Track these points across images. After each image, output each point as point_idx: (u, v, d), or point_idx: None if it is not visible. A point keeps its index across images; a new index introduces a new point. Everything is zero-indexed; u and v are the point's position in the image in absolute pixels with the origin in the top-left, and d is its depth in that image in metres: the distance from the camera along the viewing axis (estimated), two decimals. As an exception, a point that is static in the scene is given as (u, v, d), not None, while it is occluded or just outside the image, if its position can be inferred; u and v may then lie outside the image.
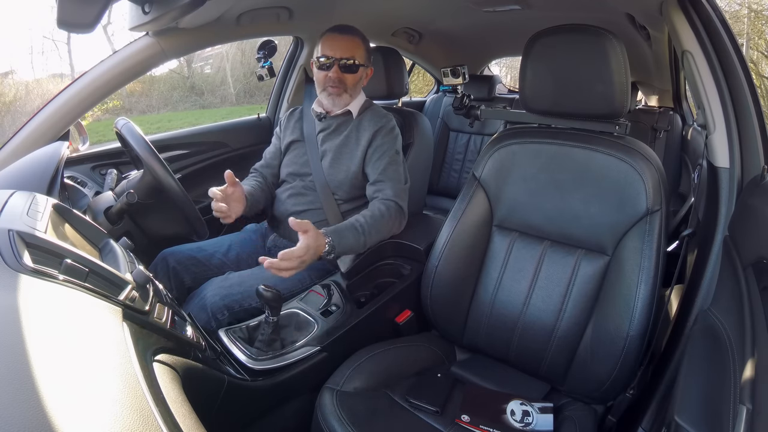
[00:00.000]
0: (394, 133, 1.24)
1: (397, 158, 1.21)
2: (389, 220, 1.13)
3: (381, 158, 1.18)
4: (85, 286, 0.48)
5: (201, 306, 1.05)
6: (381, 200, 1.15)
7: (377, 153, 1.19)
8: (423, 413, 0.88)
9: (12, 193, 0.63)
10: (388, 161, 1.18)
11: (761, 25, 7.04)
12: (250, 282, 1.09)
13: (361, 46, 1.22)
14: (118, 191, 1.13)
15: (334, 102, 1.23)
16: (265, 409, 0.90)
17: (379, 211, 1.12)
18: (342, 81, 1.19)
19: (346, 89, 1.21)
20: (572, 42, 0.94)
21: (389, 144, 1.20)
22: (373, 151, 1.20)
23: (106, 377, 0.38)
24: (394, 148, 1.21)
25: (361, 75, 1.23)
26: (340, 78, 1.19)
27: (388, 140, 1.21)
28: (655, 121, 2.24)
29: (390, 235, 1.16)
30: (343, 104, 1.24)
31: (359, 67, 1.21)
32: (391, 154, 1.20)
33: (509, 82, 3.95)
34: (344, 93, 1.21)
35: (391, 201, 1.15)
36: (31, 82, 7.67)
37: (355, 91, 1.24)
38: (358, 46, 1.21)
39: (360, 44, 1.21)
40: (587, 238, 0.95)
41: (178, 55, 1.32)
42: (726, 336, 0.64)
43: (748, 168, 0.88)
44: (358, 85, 1.24)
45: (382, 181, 1.17)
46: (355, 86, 1.23)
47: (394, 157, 1.20)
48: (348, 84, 1.21)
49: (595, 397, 0.93)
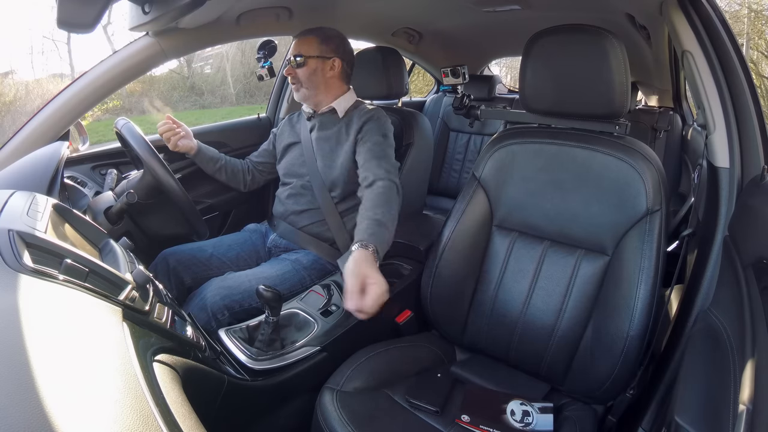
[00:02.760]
0: (381, 120, 1.24)
1: (385, 141, 1.20)
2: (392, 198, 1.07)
3: (367, 142, 1.19)
4: (85, 286, 0.48)
5: (201, 306, 1.05)
6: (374, 182, 1.10)
7: (364, 139, 1.20)
8: (423, 413, 0.88)
9: (12, 193, 0.62)
10: (373, 142, 1.18)
11: (761, 25, 7.04)
12: (250, 282, 1.09)
13: (314, 41, 1.24)
14: (118, 191, 1.13)
15: (300, 96, 1.27)
16: (265, 409, 0.90)
17: (378, 196, 1.06)
18: (295, 77, 1.24)
19: (302, 83, 1.25)
20: (572, 42, 0.94)
21: (374, 129, 1.21)
22: (361, 139, 1.21)
23: (106, 377, 0.38)
24: (381, 131, 1.21)
25: (314, 67, 1.23)
26: (292, 74, 1.24)
27: (374, 126, 1.22)
28: (655, 121, 2.24)
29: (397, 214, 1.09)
30: (306, 97, 1.27)
31: (307, 59, 1.23)
32: (376, 138, 1.19)
33: (509, 82, 3.95)
34: (301, 87, 1.25)
35: (384, 180, 1.10)
36: (31, 82, 7.67)
37: (313, 84, 1.25)
38: (309, 42, 1.24)
39: (312, 40, 1.24)
40: (587, 238, 0.95)
41: (178, 55, 1.32)
42: (726, 336, 0.64)
43: (748, 168, 0.88)
44: (314, 78, 1.24)
45: (368, 160, 1.15)
46: (309, 79, 1.24)
47: (379, 139, 1.19)
48: (300, 78, 1.24)
49: (595, 397, 0.93)
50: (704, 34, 0.91)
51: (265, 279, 1.11)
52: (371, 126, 1.22)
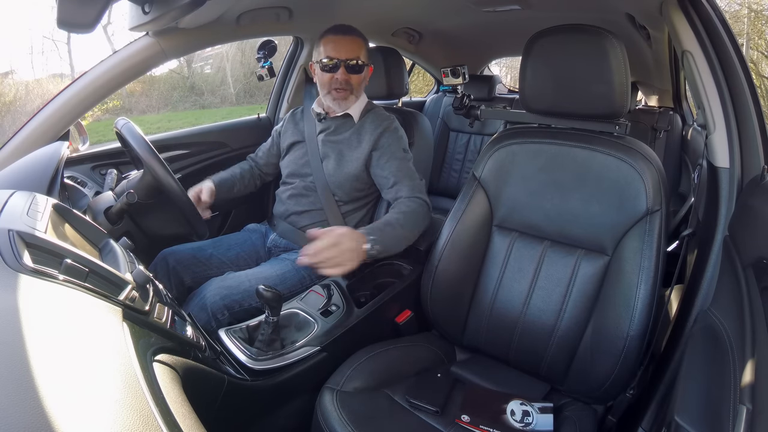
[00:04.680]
0: (399, 133, 1.24)
1: (406, 156, 1.22)
2: (420, 215, 1.13)
3: (390, 160, 1.19)
4: (85, 286, 0.48)
5: (201, 306, 1.05)
6: (406, 198, 1.15)
7: (385, 156, 1.19)
8: (423, 413, 0.88)
9: (12, 193, 0.62)
10: (399, 162, 1.19)
11: (761, 25, 7.05)
12: (249, 282, 1.09)
13: (363, 45, 1.22)
14: (118, 191, 1.13)
15: (339, 105, 1.23)
16: (265, 409, 0.90)
17: (407, 207, 1.12)
18: (348, 82, 1.20)
19: (352, 90, 1.22)
20: (572, 42, 0.94)
21: (395, 145, 1.21)
22: (380, 154, 1.20)
23: (106, 377, 0.38)
24: (401, 147, 1.22)
25: (365, 75, 1.24)
26: (347, 79, 1.19)
27: (394, 141, 1.21)
28: (655, 121, 2.24)
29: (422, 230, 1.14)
30: (348, 106, 1.24)
31: (364, 67, 1.21)
32: (400, 154, 1.20)
33: (509, 82, 3.95)
34: (350, 95, 1.22)
35: (415, 197, 1.15)
36: (31, 82, 7.67)
37: (359, 92, 1.25)
38: (361, 45, 1.21)
39: (362, 44, 1.22)
40: (587, 238, 0.95)
41: (178, 55, 1.32)
42: (726, 336, 0.64)
43: (748, 168, 0.88)
44: (362, 86, 1.25)
45: (399, 181, 1.17)
46: (359, 86, 1.23)
47: (404, 156, 1.21)
48: (354, 85, 1.21)
49: (595, 397, 0.93)
50: (704, 34, 0.91)
51: (265, 279, 1.12)
52: (391, 142, 1.20)
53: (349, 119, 1.26)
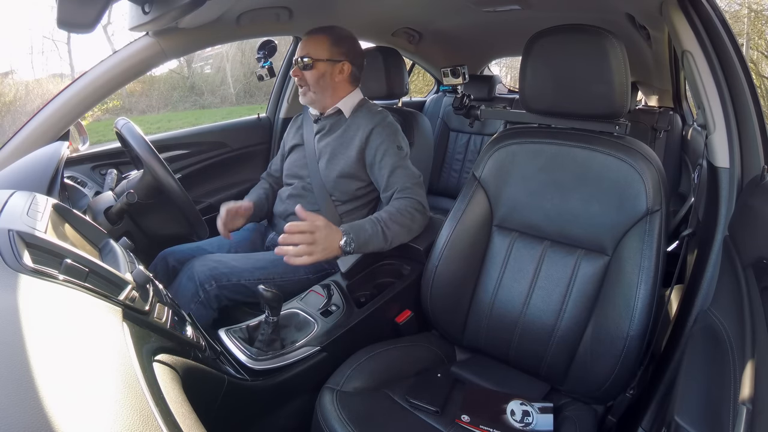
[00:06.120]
0: (392, 128, 1.21)
1: (401, 153, 1.18)
2: (408, 214, 1.10)
3: (384, 158, 1.16)
4: (85, 286, 0.48)
5: (189, 276, 1.09)
6: (397, 196, 1.14)
7: (379, 154, 1.17)
8: (423, 413, 0.88)
9: (12, 193, 0.62)
10: (394, 160, 1.16)
11: (761, 25, 7.05)
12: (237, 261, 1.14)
13: (324, 41, 1.19)
14: (118, 191, 1.13)
15: (306, 100, 1.24)
16: (265, 409, 0.90)
17: (395, 207, 1.10)
18: (302, 79, 1.20)
19: (309, 86, 1.21)
20: (572, 42, 0.94)
21: (389, 141, 1.17)
22: (374, 152, 1.17)
23: (106, 377, 0.38)
24: (395, 143, 1.18)
25: (322, 71, 1.19)
26: (300, 76, 1.20)
27: (387, 136, 1.18)
28: (655, 121, 2.24)
29: (417, 232, 1.13)
30: (312, 101, 1.24)
31: (316, 62, 1.18)
32: (394, 151, 1.17)
33: (509, 82, 3.95)
34: (308, 91, 1.21)
35: (406, 197, 1.13)
36: (31, 82, 7.68)
37: (320, 88, 1.21)
38: (319, 42, 1.19)
39: (322, 40, 1.19)
40: (587, 238, 0.95)
41: (178, 55, 1.32)
42: (726, 336, 0.64)
43: (748, 168, 0.88)
44: (322, 82, 1.20)
45: (393, 179, 1.15)
46: (317, 83, 1.20)
47: (398, 153, 1.17)
48: (308, 81, 1.20)
49: (595, 397, 0.93)
50: (704, 34, 0.91)
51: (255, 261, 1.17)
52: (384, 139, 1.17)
53: (341, 117, 1.25)
